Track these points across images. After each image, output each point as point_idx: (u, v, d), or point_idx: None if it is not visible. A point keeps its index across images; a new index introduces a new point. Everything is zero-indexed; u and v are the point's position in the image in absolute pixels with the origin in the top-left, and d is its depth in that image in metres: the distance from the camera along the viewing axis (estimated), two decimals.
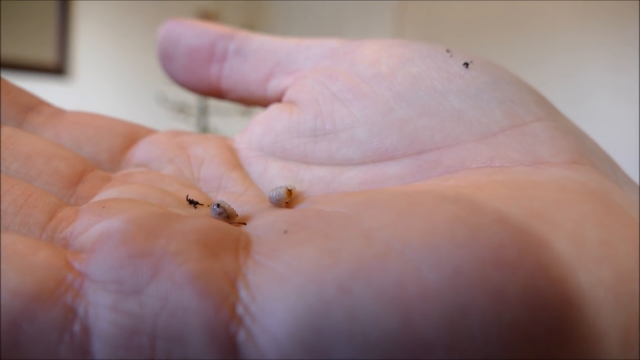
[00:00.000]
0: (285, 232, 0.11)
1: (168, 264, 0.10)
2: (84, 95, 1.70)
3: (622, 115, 1.05)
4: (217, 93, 0.19)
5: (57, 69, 1.65)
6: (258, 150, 0.17)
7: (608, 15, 1.07)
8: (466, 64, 0.15)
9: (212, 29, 0.19)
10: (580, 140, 0.14)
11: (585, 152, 0.13)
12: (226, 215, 0.13)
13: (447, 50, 0.16)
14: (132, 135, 0.17)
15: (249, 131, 0.17)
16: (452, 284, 0.09)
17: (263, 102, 0.19)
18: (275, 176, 0.16)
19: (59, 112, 0.17)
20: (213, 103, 1.54)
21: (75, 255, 0.10)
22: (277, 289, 0.10)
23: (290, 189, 0.14)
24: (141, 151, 0.16)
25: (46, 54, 1.63)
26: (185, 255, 0.10)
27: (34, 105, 0.17)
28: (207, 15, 1.57)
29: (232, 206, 0.14)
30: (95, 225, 0.12)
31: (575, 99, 1.12)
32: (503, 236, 0.10)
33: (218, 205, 0.13)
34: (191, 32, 0.19)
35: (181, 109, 1.53)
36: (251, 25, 1.81)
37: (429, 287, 0.09)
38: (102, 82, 1.73)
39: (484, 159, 0.13)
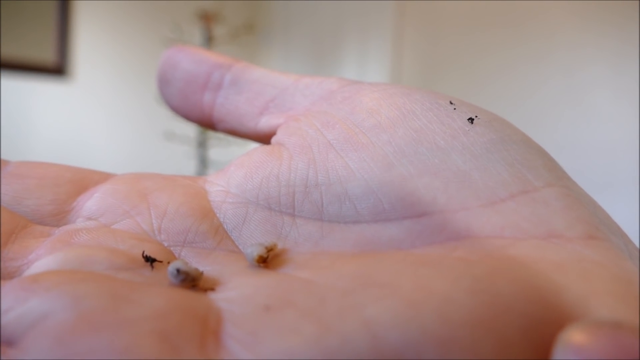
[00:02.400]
0: (267, 308, 0.10)
1: None
2: (84, 95, 1.70)
3: (622, 115, 1.05)
4: (208, 122, 0.19)
5: (57, 69, 1.65)
6: (237, 195, 0.15)
7: (608, 14, 1.07)
8: (471, 119, 0.14)
9: (211, 58, 0.19)
10: (591, 209, 0.13)
11: (599, 225, 0.12)
12: (190, 280, 0.11)
13: (451, 103, 0.15)
14: (82, 182, 0.15)
15: (229, 173, 0.16)
16: None
17: (253, 136, 0.18)
18: (256, 229, 0.14)
19: (1, 165, 0.15)
20: None
21: (2, 351, 0.09)
22: None
23: (271, 246, 0.13)
24: (93, 202, 0.14)
25: (46, 54, 1.63)
26: (135, 353, 0.08)
27: None
28: (206, 16, 1.57)
29: (196, 267, 0.12)
30: (27, 303, 0.10)
31: (575, 98, 1.12)
32: (530, 357, 0.09)
33: (178, 270, 0.11)
34: (190, 58, 0.19)
35: None
36: (251, 25, 1.81)
37: None
38: (102, 82, 1.73)
39: (494, 227, 0.12)
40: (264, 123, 0.17)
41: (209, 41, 1.56)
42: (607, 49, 1.07)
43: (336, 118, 0.15)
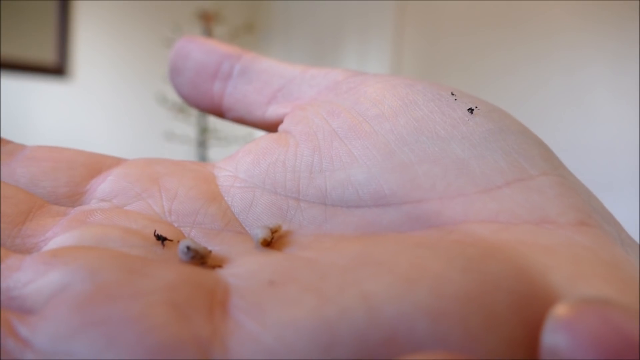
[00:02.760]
0: (272, 283, 0.10)
1: (128, 333, 0.09)
2: (84, 95, 1.70)
3: (622, 115, 1.05)
4: (217, 110, 0.19)
5: (57, 69, 1.65)
6: (245, 180, 0.15)
7: (608, 14, 1.07)
8: (471, 110, 0.15)
9: (221, 48, 0.19)
10: (585, 197, 0.13)
11: (592, 212, 0.12)
12: (199, 257, 0.12)
13: (452, 94, 0.15)
14: (95, 166, 0.16)
15: (237, 158, 0.16)
16: None
17: (261, 125, 0.19)
18: (262, 212, 0.15)
19: (16, 148, 0.16)
20: None
21: (22, 318, 0.09)
22: None
23: (275, 228, 0.13)
24: (106, 184, 0.15)
25: (46, 54, 1.63)
26: (148, 320, 0.09)
27: None
28: (206, 16, 1.57)
29: (205, 246, 0.12)
30: (47, 276, 0.10)
31: (575, 98, 1.12)
32: (519, 332, 0.09)
33: (188, 247, 0.12)
34: (201, 48, 0.19)
35: (181, 109, 1.53)
36: (251, 25, 1.81)
37: None
38: (102, 82, 1.73)
39: (489, 212, 0.12)
40: (272, 112, 0.18)
41: None
42: (607, 49, 1.07)
43: (341, 107, 0.16)
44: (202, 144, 1.55)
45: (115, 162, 0.16)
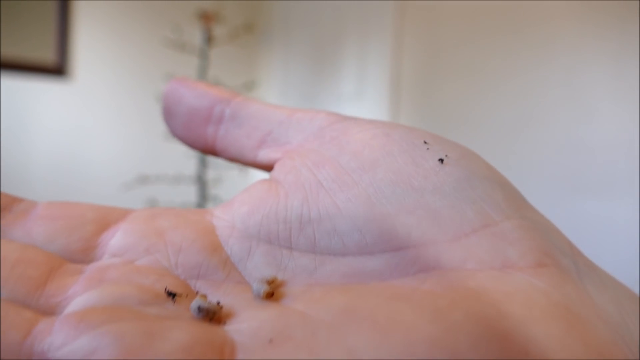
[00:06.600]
0: (271, 341, 0.12)
1: None
2: (84, 95, 1.70)
3: (622, 116, 1.05)
4: (211, 151, 0.21)
5: (57, 69, 1.65)
6: (242, 231, 0.17)
7: (608, 16, 1.07)
8: (441, 160, 0.16)
9: (212, 92, 0.20)
10: (545, 235, 0.15)
11: (549, 250, 0.14)
12: (209, 316, 0.14)
13: (425, 142, 0.17)
14: (104, 220, 0.17)
15: (233, 208, 0.18)
16: None
17: (253, 166, 0.20)
18: (259, 262, 0.16)
19: (30, 206, 0.17)
20: None
21: None
22: None
23: (271, 279, 0.15)
24: (116, 240, 0.17)
25: (46, 54, 1.63)
26: None
27: (7, 204, 0.17)
28: (206, 16, 1.57)
29: (214, 303, 0.14)
30: (77, 340, 0.12)
31: (576, 100, 1.12)
32: None
33: (199, 308, 0.14)
34: (192, 93, 0.20)
35: None
36: (251, 25, 1.81)
37: None
38: (102, 82, 1.73)
39: (458, 260, 0.14)
40: (263, 156, 0.19)
41: (209, 41, 1.56)
42: (607, 49, 1.07)
43: (325, 157, 0.17)
44: None
45: (122, 215, 0.18)
